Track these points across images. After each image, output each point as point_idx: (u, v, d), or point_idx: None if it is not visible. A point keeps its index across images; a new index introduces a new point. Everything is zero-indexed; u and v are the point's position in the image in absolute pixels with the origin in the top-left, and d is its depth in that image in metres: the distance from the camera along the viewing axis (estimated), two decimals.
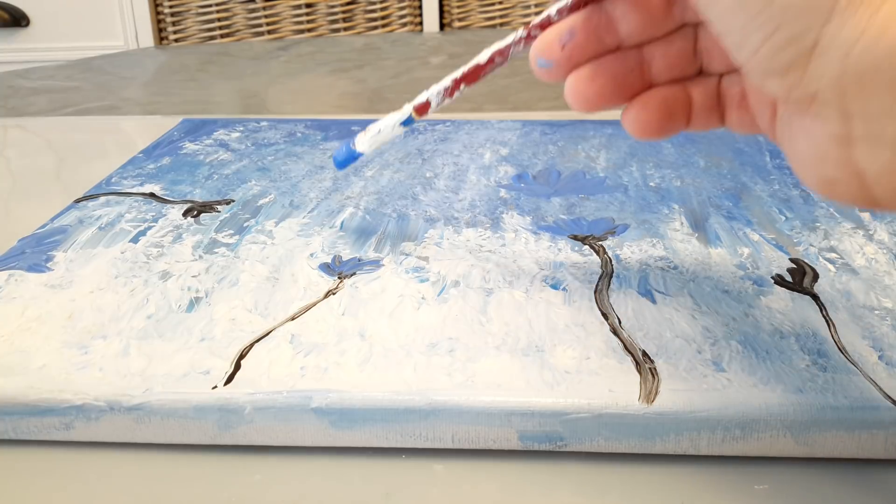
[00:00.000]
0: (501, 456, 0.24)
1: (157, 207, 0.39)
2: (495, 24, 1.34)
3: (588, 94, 0.25)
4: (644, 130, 0.25)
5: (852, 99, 0.18)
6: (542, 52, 0.25)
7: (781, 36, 0.18)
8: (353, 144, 0.32)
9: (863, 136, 0.18)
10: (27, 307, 0.29)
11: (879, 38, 0.17)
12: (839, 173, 0.19)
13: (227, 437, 0.25)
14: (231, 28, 1.39)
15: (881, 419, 0.23)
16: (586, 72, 0.25)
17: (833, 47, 0.18)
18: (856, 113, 0.18)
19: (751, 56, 0.19)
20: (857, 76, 0.17)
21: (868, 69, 0.17)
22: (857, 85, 0.18)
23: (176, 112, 0.69)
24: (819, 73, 0.18)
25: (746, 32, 0.19)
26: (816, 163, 0.20)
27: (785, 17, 0.18)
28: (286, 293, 0.30)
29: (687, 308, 0.29)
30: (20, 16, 1.58)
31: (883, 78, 0.17)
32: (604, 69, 0.25)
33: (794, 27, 0.18)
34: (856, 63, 0.17)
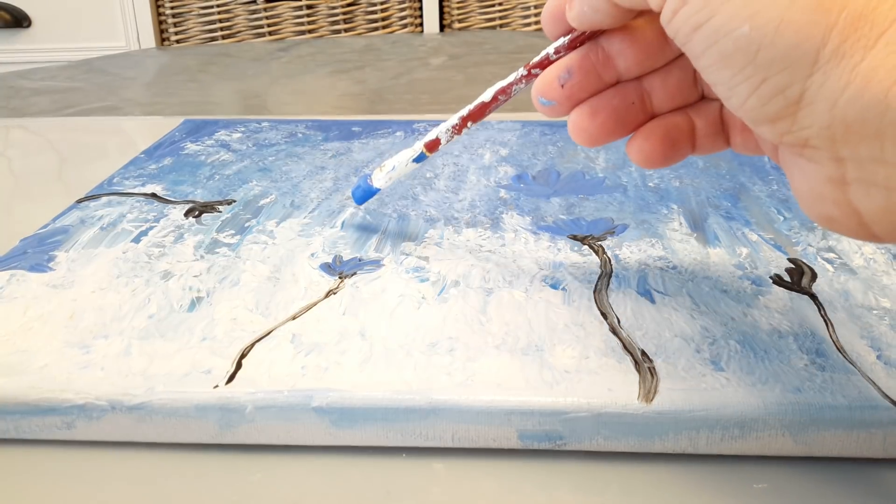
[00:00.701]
0: (501, 455, 0.24)
1: (158, 207, 0.39)
2: (495, 26, 1.34)
3: (591, 130, 0.26)
4: (649, 161, 0.26)
5: (842, 146, 0.18)
6: (542, 93, 0.26)
7: (767, 88, 0.19)
8: (370, 181, 0.34)
9: (856, 179, 0.19)
10: (29, 307, 0.30)
11: (864, 90, 0.17)
12: (836, 212, 0.20)
13: (228, 436, 0.25)
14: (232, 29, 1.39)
15: (879, 418, 0.23)
16: (587, 108, 0.25)
17: (819, 98, 0.18)
18: (847, 158, 0.18)
19: (740, 106, 0.20)
20: (844, 125, 0.18)
21: (855, 119, 0.17)
22: (846, 133, 0.18)
23: (177, 113, 0.69)
24: (808, 122, 0.18)
25: (734, 84, 0.19)
26: (814, 201, 0.20)
27: (769, 71, 0.18)
28: (287, 293, 0.30)
29: (686, 308, 0.29)
30: (22, 16, 1.58)
31: (870, 127, 0.17)
32: (605, 105, 0.25)
33: (778, 80, 0.18)
34: (842, 113, 0.18)
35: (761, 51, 0.18)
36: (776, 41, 0.18)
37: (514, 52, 1.00)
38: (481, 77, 0.84)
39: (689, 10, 0.19)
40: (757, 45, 0.18)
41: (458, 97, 0.75)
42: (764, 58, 0.18)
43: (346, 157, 0.46)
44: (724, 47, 0.19)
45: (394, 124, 0.54)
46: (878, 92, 0.17)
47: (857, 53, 0.17)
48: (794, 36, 0.18)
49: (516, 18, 1.33)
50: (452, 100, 0.74)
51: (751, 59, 0.18)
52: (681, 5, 0.20)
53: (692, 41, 0.20)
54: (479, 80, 0.83)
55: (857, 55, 0.17)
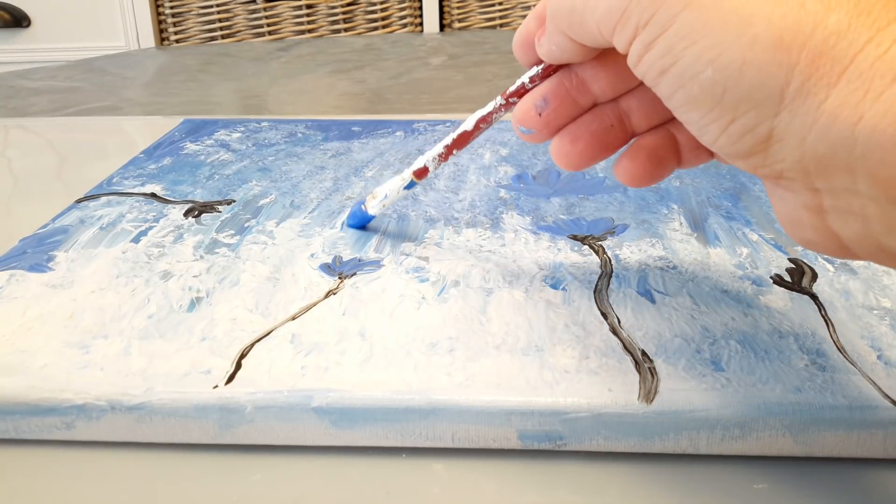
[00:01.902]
0: (501, 455, 0.24)
1: (158, 207, 0.39)
2: (495, 25, 1.34)
3: (572, 156, 0.26)
4: (636, 181, 0.26)
5: (815, 178, 0.18)
6: (521, 121, 0.26)
7: (736, 127, 0.19)
8: (365, 207, 0.35)
9: (832, 208, 0.19)
10: (28, 307, 0.29)
11: (830, 127, 0.17)
12: (816, 236, 0.20)
13: (227, 436, 0.25)
14: (232, 29, 1.39)
15: (880, 419, 0.23)
16: (567, 136, 0.26)
17: (788, 136, 0.18)
18: (822, 189, 0.19)
19: (711, 143, 0.20)
20: (815, 159, 0.18)
21: (825, 154, 0.18)
22: (818, 167, 0.18)
23: (177, 112, 0.69)
24: (780, 157, 0.19)
25: (704, 124, 0.20)
26: (794, 226, 0.20)
27: (736, 112, 0.19)
28: (287, 293, 0.30)
29: (686, 308, 0.29)
30: (21, 16, 1.58)
31: (840, 161, 0.17)
32: (584, 131, 0.26)
33: (746, 120, 0.19)
34: (812, 149, 0.18)
35: (727, 92, 0.18)
36: (740, 82, 0.18)
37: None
38: (481, 77, 0.84)
39: (652, 56, 0.20)
40: (722, 87, 0.18)
41: (458, 97, 0.75)
42: (730, 99, 0.18)
43: (345, 157, 0.46)
44: (690, 91, 0.19)
45: (394, 124, 0.53)
46: (845, 128, 0.17)
47: (821, 91, 0.17)
48: (757, 76, 0.18)
49: (516, 18, 1.33)
50: (452, 99, 0.74)
51: (717, 100, 0.19)
52: (644, 51, 0.20)
53: (659, 84, 0.20)
54: (479, 79, 0.83)
55: (822, 93, 0.17)
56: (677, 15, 0.19)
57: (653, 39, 0.19)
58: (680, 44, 0.19)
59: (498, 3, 1.34)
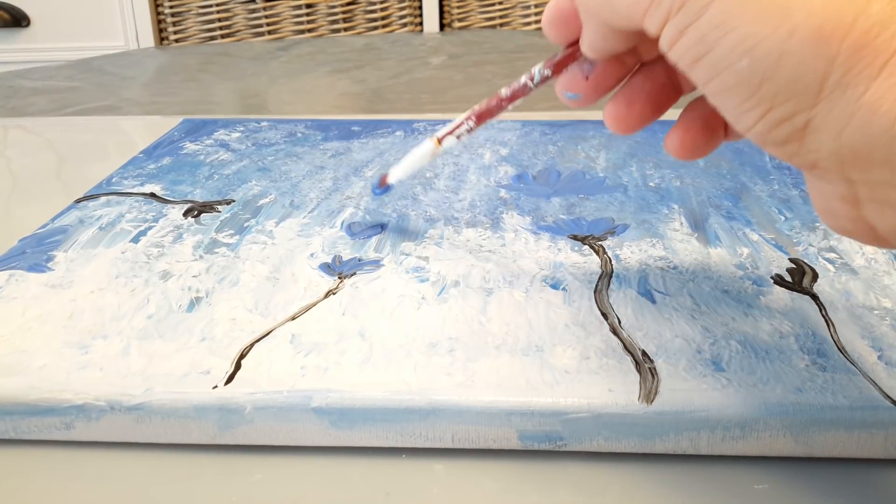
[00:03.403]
0: (501, 456, 0.24)
1: (157, 207, 0.39)
2: (495, 25, 1.34)
3: (629, 120, 0.25)
4: (691, 153, 0.25)
5: (851, 169, 0.18)
6: (567, 86, 0.25)
7: (773, 117, 0.18)
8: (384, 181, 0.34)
9: (868, 199, 0.19)
10: (28, 307, 0.29)
11: (870, 120, 0.17)
12: (851, 226, 0.20)
13: (227, 436, 0.25)
14: (231, 28, 1.39)
15: (880, 419, 0.23)
16: (622, 99, 0.25)
17: (825, 127, 0.18)
18: (858, 181, 0.18)
19: (747, 131, 0.19)
20: (852, 152, 0.18)
21: (862, 147, 0.17)
22: (854, 159, 0.18)
23: (176, 112, 0.69)
24: (815, 147, 0.18)
25: (739, 112, 0.19)
26: (829, 215, 0.20)
27: (774, 101, 0.18)
28: (286, 293, 0.30)
29: (686, 308, 0.29)
30: (21, 16, 1.58)
31: (878, 155, 0.17)
32: (638, 91, 0.25)
33: (784, 110, 0.18)
34: (850, 141, 0.17)
35: (764, 83, 0.18)
36: (778, 74, 0.18)
37: (514, 51, 1.00)
38: (481, 76, 0.84)
39: (686, 42, 0.19)
40: (759, 78, 0.18)
41: (458, 97, 0.75)
42: (767, 90, 0.18)
43: (345, 157, 0.46)
44: (725, 79, 0.19)
45: (393, 124, 0.53)
46: (885, 122, 0.17)
47: (862, 84, 0.17)
48: (796, 68, 0.17)
49: (516, 18, 1.33)
50: (452, 99, 0.74)
51: (754, 90, 0.18)
52: (677, 37, 0.19)
53: (693, 71, 0.19)
54: (479, 79, 0.83)
55: (862, 85, 0.17)
56: (712, 2, 0.18)
57: (686, 26, 0.19)
58: (714, 32, 0.18)
59: (498, 2, 1.33)
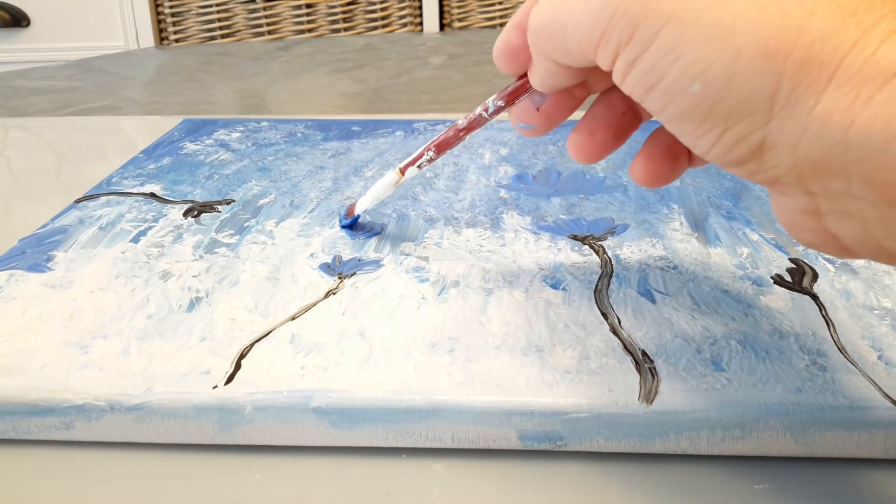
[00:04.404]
0: (501, 456, 0.24)
1: (157, 207, 0.39)
2: (495, 25, 1.34)
3: (592, 149, 0.26)
4: (654, 180, 0.26)
5: (811, 183, 0.18)
6: (520, 118, 0.27)
7: (729, 138, 0.19)
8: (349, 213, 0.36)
9: (830, 210, 0.19)
10: (28, 307, 0.29)
11: (822, 132, 0.17)
12: (815, 238, 0.20)
13: (227, 436, 0.25)
14: (231, 28, 1.39)
15: (880, 419, 0.23)
16: (585, 129, 0.26)
17: (780, 143, 0.18)
18: (818, 193, 0.19)
19: (706, 153, 0.20)
20: (809, 165, 0.18)
21: (818, 160, 0.18)
22: (812, 172, 0.18)
23: (176, 112, 0.69)
24: (775, 163, 0.19)
25: (696, 136, 0.19)
26: (794, 228, 0.20)
27: (728, 123, 0.18)
28: (286, 293, 0.30)
29: (686, 308, 0.29)
30: (21, 16, 1.58)
31: (834, 166, 0.17)
32: (600, 121, 0.26)
33: (738, 130, 0.18)
34: (806, 154, 0.18)
35: (716, 105, 0.18)
36: (728, 95, 0.18)
37: None
38: (481, 77, 0.84)
39: (637, 72, 0.19)
40: (711, 101, 0.18)
41: (458, 97, 0.75)
42: (720, 111, 0.18)
43: (345, 157, 0.46)
44: (679, 105, 0.19)
45: (393, 124, 0.53)
46: (837, 133, 0.17)
47: (811, 98, 0.17)
48: (746, 87, 0.18)
49: None
50: (452, 99, 0.74)
51: (707, 113, 0.19)
52: (628, 69, 0.20)
53: (647, 100, 0.20)
54: (479, 79, 0.83)
55: (811, 99, 0.17)
56: (659, 31, 0.18)
57: (636, 57, 0.19)
58: (664, 60, 0.19)
59: (498, 2, 1.33)
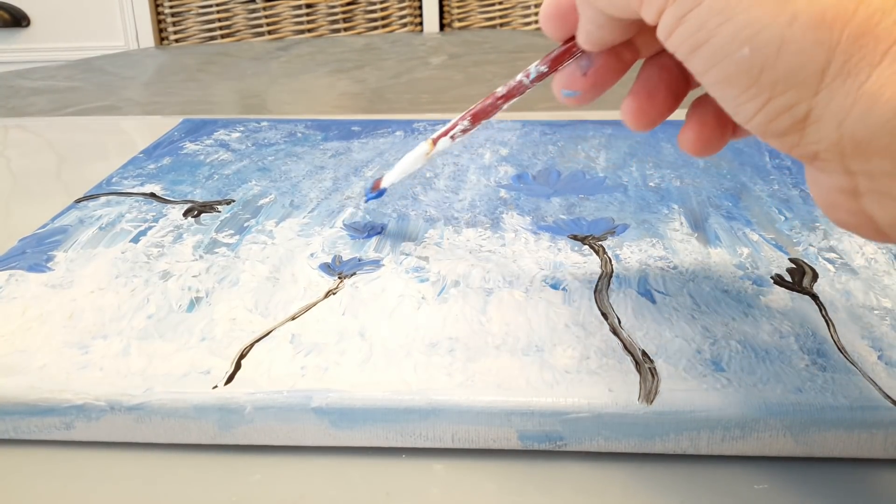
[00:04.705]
0: (501, 456, 0.24)
1: (157, 207, 0.39)
2: (495, 25, 1.34)
3: (652, 112, 0.25)
4: (706, 148, 0.24)
5: (852, 160, 0.18)
6: (565, 84, 0.25)
7: (773, 107, 0.18)
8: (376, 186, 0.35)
9: (869, 191, 0.18)
10: (28, 307, 0.29)
11: (871, 108, 0.17)
12: (851, 219, 0.19)
13: (227, 436, 0.25)
14: (231, 28, 1.39)
15: (880, 419, 0.23)
16: (642, 91, 0.24)
17: (826, 117, 0.18)
18: (859, 172, 0.18)
19: (747, 122, 0.19)
20: (853, 142, 0.17)
21: (864, 136, 0.17)
22: (855, 149, 0.18)
23: (176, 112, 0.69)
24: (816, 138, 0.18)
25: (739, 103, 0.19)
26: (829, 208, 0.20)
27: (774, 91, 0.18)
28: (286, 293, 0.30)
29: (686, 308, 0.29)
30: (21, 16, 1.58)
31: (879, 144, 0.17)
32: (656, 83, 0.24)
33: (784, 99, 0.18)
34: (851, 131, 0.17)
35: (764, 72, 0.18)
36: (778, 63, 0.17)
37: (514, 51, 1.00)
38: (481, 77, 0.84)
39: (685, 30, 0.19)
40: (760, 67, 0.18)
41: (458, 97, 0.75)
42: (768, 79, 0.18)
43: (345, 157, 0.46)
44: (725, 68, 0.18)
45: (393, 124, 0.53)
46: (887, 111, 0.16)
47: (863, 71, 0.17)
48: (797, 56, 0.17)
49: (516, 17, 1.33)
50: (452, 99, 0.74)
51: (754, 80, 0.18)
52: (675, 25, 0.19)
53: (692, 60, 0.19)
54: (479, 79, 0.83)
55: (863, 73, 0.17)
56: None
57: (685, 13, 0.18)
58: (714, 19, 0.18)
59: (498, 2, 1.33)
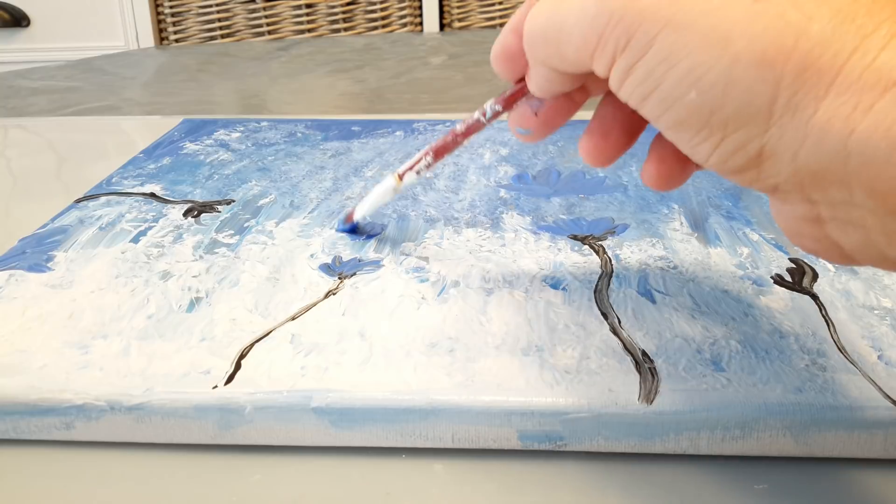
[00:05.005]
0: (501, 456, 0.24)
1: (157, 207, 0.39)
2: (495, 25, 1.34)
3: (607, 151, 0.25)
4: (667, 183, 0.25)
5: (811, 191, 0.18)
6: (518, 123, 0.26)
7: (727, 146, 0.18)
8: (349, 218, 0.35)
9: (831, 218, 0.18)
10: (28, 307, 0.29)
11: (821, 141, 0.17)
12: (817, 246, 0.20)
13: (227, 436, 0.25)
14: (231, 28, 1.39)
15: (880, 419, 0.23)
16: (597, 130, 0.25)
17: (779, 151, 0.18)
18: (819, 201, 0.18)
19: (704, 161, 0.19)
20: (809, 174, 0.18)
21: (817, 169, 0.17)
22: (813, 180, 0.18)
23: (176, 112, 0.69)
24: (773, 172, 0.18)
25: (693, 144, 0.19)
26: (796, 236, 0.20)
27: (726, 131, 0.18)
28: (286, 293, 0.30)
29: (686, 308, 0.29)
30: (21, 16, 1.58)
31: (834, 175, 0.17)
32: (610, 122, 0.25)
33: (736, 138, 0.18)
34: (805, 163, 0.17)
35: (714, 114, 0.18)
36: (726, 103, 0.18)
37: None
38: (481, 77, 0.84)
39: (634, 79, 0.19)
40: (709, 109, 0.18)
41: (458, 97, 0.75)
42: (718, 119, 0.18)
43: (345, 157, 0.46)
44: (676, 113, 0.19)
45: (393, 124, 0.53)
46: (837, 142, 0.17)
47: (810, 105, 0.17)
48: (743, 95, 0.17)
49: None
50: (452, 99, 0.74)
51: (705, 121, 0.18)
52: (625, 76, 0.19)
53: (644, 108, 0.20)
54: (479, 79, 0.83)
55: (810, 107, 0.17)
56: (655, 37, 0.18)
57: (632, 64, 0.19)
58: (660, 67, 0.18)
59: (498, 2, 1.33)
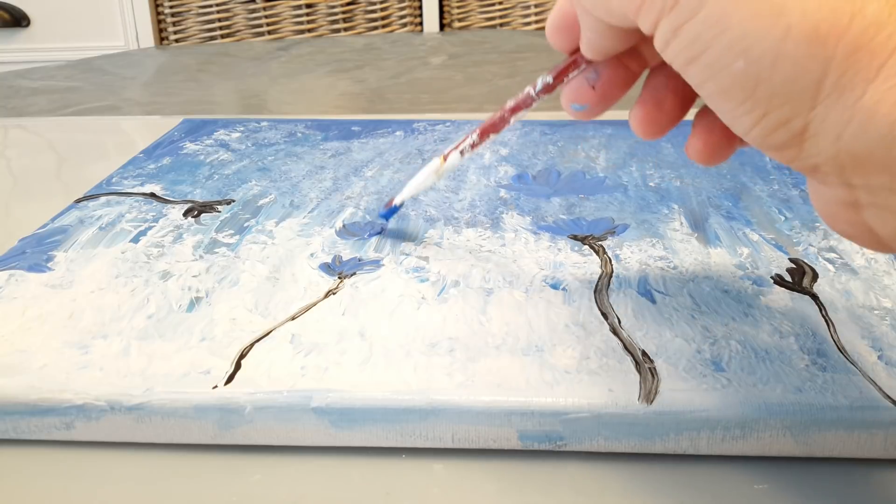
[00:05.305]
0: (501, 456, 0.24)
1: (157, 207, 0.39)
2: (495, 25, 1.34)
3: (661, 120, 0.24)
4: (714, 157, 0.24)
5: (851, 174, 0.18)
6: (573, 98, 0.25)
7: (769, 121, 0.18)
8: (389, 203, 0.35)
9: (869, 204, 0.18)
10: (28, 307, 0.29)
11: (867, 124, 0.16)
12: (852, 230, 0.19)
13: (227, 436, 0.25)
14: (231, 28, 1.39)
15: (880, 419, 0.23)
16: (650, 100, 0.24)
17: (823, 131, 0.17)
18: (859, 185, 0.18)
19: (744, 134, 0.19)
20: (851, 157, 0.17)
21: (861, 151, 0.17)
22: (854, 164, 0.17)
23: (176, 112, 0.69)
24: (815, 151, 0.18)
25: (736, 115, 0.19)
26: (830, 219, 0.20)
27: (770, 105, 0.18)
28: (286, 293, 0.30)
29: (686, 308, 0.29)
30: (21, 16, 1.58)
31: (877, 160, 0.17)
32: (663, 91, 0.24)
33: (780, 113, 0.18)
34: (848, 146, 0.17)
35: (759, 85, 0.18)
36: (773, 76, 0.17)
37: (514, 51, 1.00)
38: (481, 77, 0.84)
39: (680, 41, 0.18)
40: (755, 80, 0.17)
41: (458, 97, 0.75)
42: (763, 92, 0.18)
43: (345, 157, 0.46)
44: (721, 81, 0.18)
45: (393, 124, 0.53)
46: (883, 126, 0.16)
47: (858, 87, 0.16)
48: (792, 70, 0.17)
49: (516, 18, 1.33)
50: (452, 99, 0.74)
51: (750, 93, 0.18)
52: (671, 37, 0.19)
53: (688, 72, 0.19)
54: (479, 79, 0.83)
55: (859, 88, 0.16)
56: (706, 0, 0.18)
57: (680, 25, 0.18)
58: (709, 32, 0.18)
59: (498, 2, 1.33)
